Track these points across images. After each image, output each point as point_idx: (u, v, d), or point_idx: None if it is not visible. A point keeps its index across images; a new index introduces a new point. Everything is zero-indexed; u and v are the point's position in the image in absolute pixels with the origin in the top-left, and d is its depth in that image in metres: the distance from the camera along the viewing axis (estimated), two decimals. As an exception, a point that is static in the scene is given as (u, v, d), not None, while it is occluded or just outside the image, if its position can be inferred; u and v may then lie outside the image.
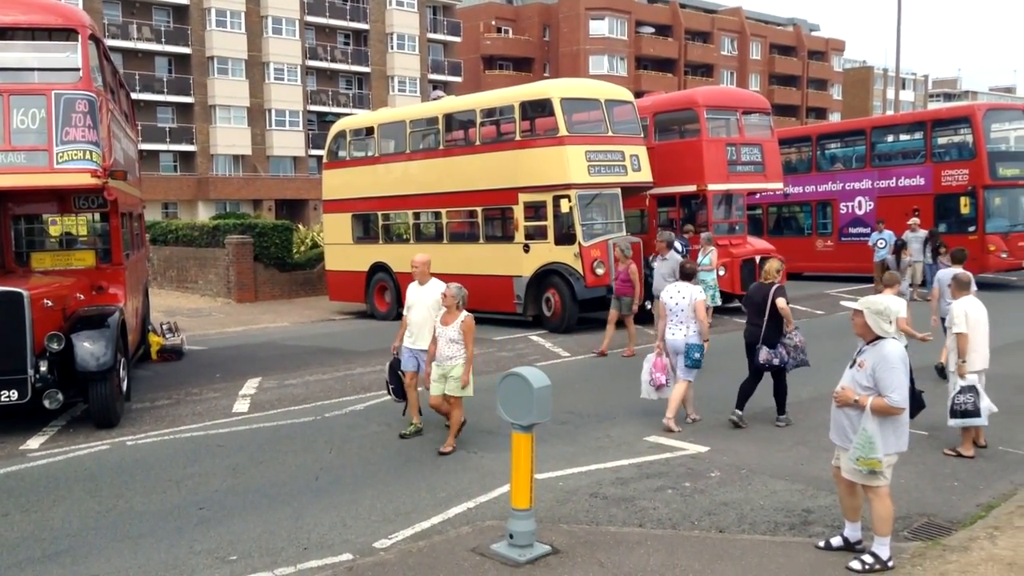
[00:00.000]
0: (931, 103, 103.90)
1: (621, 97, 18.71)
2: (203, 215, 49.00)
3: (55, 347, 10.05)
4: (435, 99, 23.52)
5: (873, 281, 21.94)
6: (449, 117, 19.70)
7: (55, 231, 13.04)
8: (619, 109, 18.39)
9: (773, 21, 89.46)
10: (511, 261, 17.93)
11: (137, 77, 51.95)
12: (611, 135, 17.73)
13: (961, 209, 22.40)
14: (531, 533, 6.16)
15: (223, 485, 8.23)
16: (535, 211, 17.59)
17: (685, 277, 10.47)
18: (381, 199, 20.71)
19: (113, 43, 48.98)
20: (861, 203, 25.26)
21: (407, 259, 19.83)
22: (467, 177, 18.59)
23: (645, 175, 18.14)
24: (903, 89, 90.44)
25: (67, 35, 10.99)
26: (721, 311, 18.71)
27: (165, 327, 17.14)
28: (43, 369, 9.94)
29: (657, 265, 13.97)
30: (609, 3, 71.14)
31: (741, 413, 9.92)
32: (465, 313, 8.93)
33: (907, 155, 25.10)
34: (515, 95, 18.48)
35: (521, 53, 71.88)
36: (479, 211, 18.66)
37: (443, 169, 19.24)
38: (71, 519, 7.40)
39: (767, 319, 9.74)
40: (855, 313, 6.02)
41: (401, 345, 9.79)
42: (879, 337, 5.92)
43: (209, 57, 54.71)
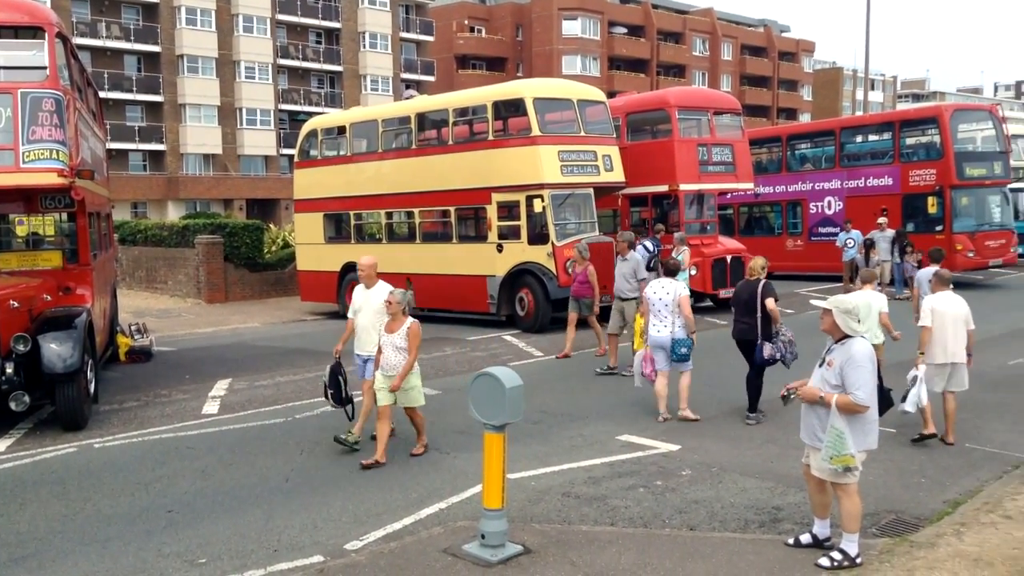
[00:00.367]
0: (900, 104, 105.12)
1: (593, 97, 18.77)
2: (173, 215, 48.54)
3: (21, 348, 9.91)
4: (407, 98, 23.49)
5: (842, 280, 22.16)
6: (422, 116, 19.66)
7: (22, 231, 12.88)
8: (591, 109, 18.45)
9: (744, 22, 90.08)
10: (484, 261, 17.92)
11: (106, 75, 51.36)
12: (584, 135, 17.78)
13: (929, 209, 22.65)
14: (503, 533, 6.16)
15: (192, 487, 8.16)
16: (508, 211, 17.59)
17: (669, 273, 10.62)
18: (353, 199, 20.62)
19: (81, 41, 48.43)
20: (830, 203, 25.49)
21: (380, 259, 19.97)
22: (440, 177, 18.56)
23: (617, 175, 18.20)
24: (872, 90, 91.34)
25: (34, 33, 10.85)
26: (693, 311, 18.76)
27: (134, 328, 16.96)
28: (9, 371, 9.81)
29: (618, 265, 13.79)
30: (582, 3, 71.29)
31: (763, 410, 10.14)
32: (411, 319, 8.67)
33: (876, 155, 25.36)
34: (488, 95, 18.48)
35: (494, 53, 71.86)
36: (452, 211, 18.64)
37: (416, 169, 19.19)
38: (37, 523, 7.30)
39: (761, 315, 9.86)
40: (824, 312, 6.08)
41: (343, 349, 9.54)
42: (848, 336, 5.98)
43: (179, 55, 54.20)
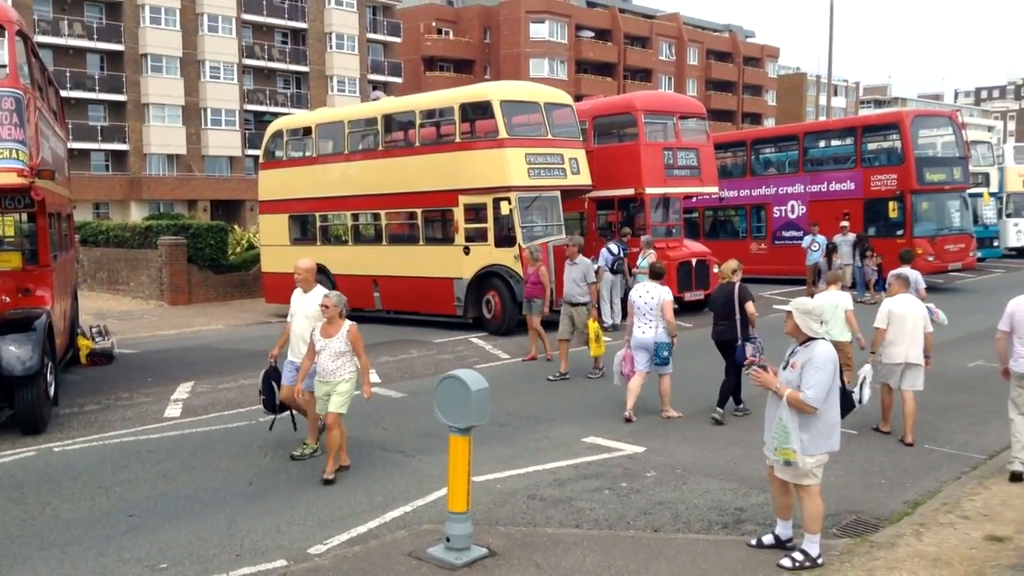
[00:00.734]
0: (862, 109, 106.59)
1: (560, 100, 18.83)
2: (136, 215, 47.94)
3: (-22, 351, 9.74)
4: (374, 99, 23.37)
5: (805, 283, 22.40)
6: (388, 118, 19.60)
7: (-21, 232, 12.66)
8: (558, 112, 18.51)
9: (710, 27, 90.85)
10: (451, 263, 17.90)
11: (68, 74, 50.66)
12: (551, 138, 17.83)
13: (890, 213, 22.96)
14: (468, 536, 6.15)
15: (153, 491, 8.07)
16: (475, 213, 17.58)
17: (655, 277, 10.74)
18: (319, 200, 20.51)
19: (43, 39, 47.72)
20: (794, 207, 25.76)
21: (346, 261, 20.01)
22: (407, 178, 18.51)
23: (584, 178, 18.27)
24: (835, 95, 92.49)
25: (-7, 30, 10.66)
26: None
27: (95, 330, 16.73)
28: (-35, 374, 9.63)
29: (568, 269, 13.59)
30: (549, 7, 71.47)
31: (744, 406, 10.41)
32: (349, 322, 8.27)
33: (838, 160, 25.68)
34: (455, 97, 18.46)
35: (462, 55, 71.81)
36: (419, 213, 18.59)
37: (382, 170, 19.13)
38: (-6, 528, 7.18)
39: (740, 317, 10.05)
40: (787, 315, 6.15)
41: (280, 355, 9.20)
42: (811, 338, 6.05)
43: (143, 54, 53.58)
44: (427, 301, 18.63)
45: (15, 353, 9.90)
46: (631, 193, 19.50)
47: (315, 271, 9.22)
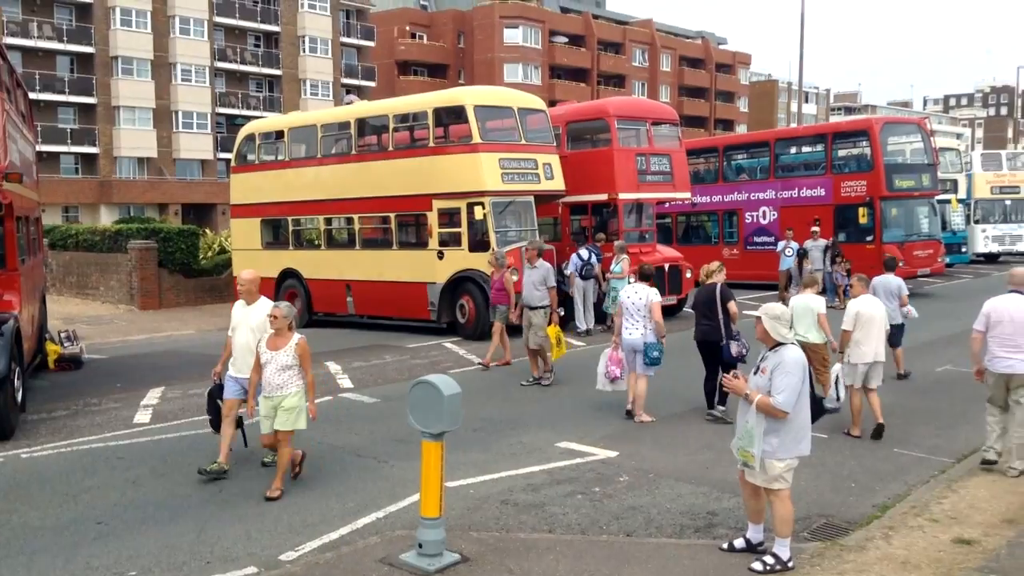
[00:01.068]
0: (833, 116, 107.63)
1: (534, 106, 18.87)
2: (106, 219, 47.46)
3: (-57, 356, 9.59)
4: (348, 103, 23.30)
5: (777, 288, 22.58)
6: (362, 122, 19.54)
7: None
8: (532, 117, 18.54)
9: (682, 34, 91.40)
10: (425, 267, 17.86)
11: (37, 76, 50.03)
12: (524, 143, 17.85)
13: (859, 219, 23.18)
14: (441, 542, 6.13)
15: (123, 498, 7.98)
16: (449, 218, 17.57)
17: (643, 278, 10.83)
18: (291, 204, 20.40)
19: (12, 41, 47.14)
20: (765, 213, 25.96)
21: (319, 265, 19.93)
22: (380, 183, 18.47)
23: (558, 183, 18.31)
24: (806, 102, 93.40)
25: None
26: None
27: (63, 335, 16.54)
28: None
29: (527, 273, 13.46)
30: (523, 12, 71.62)
31: (724, 408, 10.43)
32: (298, 335, 7.97)
33: (809, 166, 25.92)
34: (429, 101, 18.45)
35: (436, 59, 71.74)
36: (392, 217, 18.55)
37: (356, 174, 19.06)
38: (-42, 537, 7.07)
39: (723, 317, 10.20)
40: (756, 320, 6.20)
41: (224, 371, 8.77)
42: (780, 343, 6.10)
43: (113, 57, 53.05)
44: (401, 306, 18.59)
45: (-19, 358, 9.75)
46: (604, 198, 19.55)
47: (259, 282, 8.88)
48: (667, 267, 19.70)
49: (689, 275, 20.26)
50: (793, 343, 6.13)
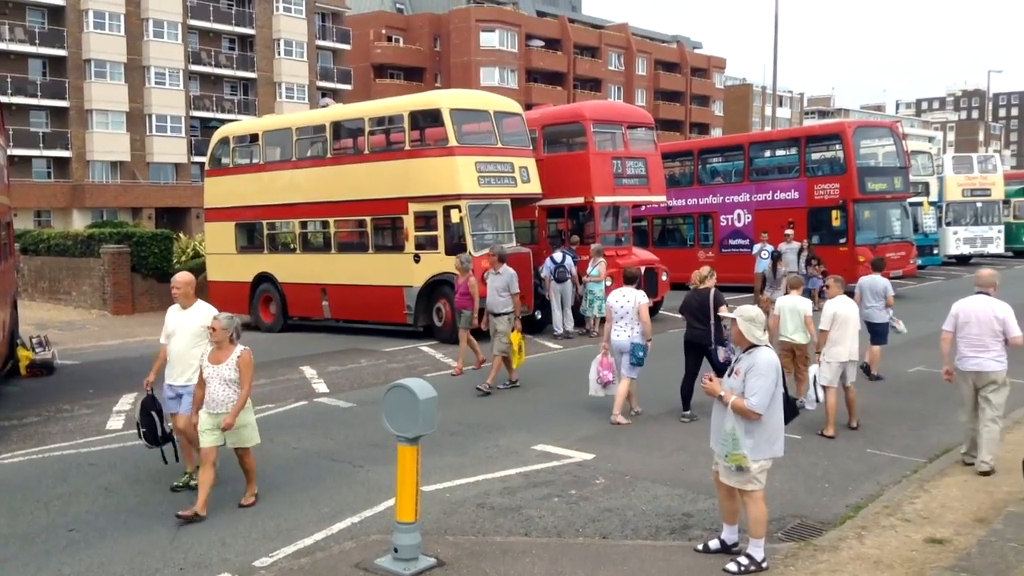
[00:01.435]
0: (806, 120, 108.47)
1: (510, 109, 18.88)
2: (78, 224, 46.94)
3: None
4: (323, 106, 23.22)
5: (752, 291, 22.70)
6: (337, 125, 19.48)
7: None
8: (508, 121, 18.56)
9: (658, 38, 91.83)
10: (401, 271, 17.82)
11: (9, 80, 49.55)
12: (501, 146, 17.86)
13: (833, 222, 23.37)
14: (416, 546, 6.11)
15: (95, 505, 7.90)
16: (425, 221, 17.53)
17: (629, 281, 10.93)
18: (266, 208, 20.29)
19: (-18, 43, 46.64)
20: (740, 216, 26.12)
21: (294, 269, 19.83)
22: (356, 186, 18.41)
23: (534, 187, 18.33)
24: (780, 106, 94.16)
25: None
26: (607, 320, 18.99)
27: (35, 341, 16.34)
28: None
29: (491, 279, 13.26)
30: (499, 16, 71.70)
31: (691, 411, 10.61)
32: (241, 347, 7.58)
33: (783, 170, 26.10)
34: (404, 104, 18.42)
35: (412, 62, 71.65)
36: (368, 220, 18.49)
37: (331, 177, 19.00)
38: (-74, 546, 6.97)
39: (714, 322, 10.28)
40: (732, 322, 6.24)
41: (157, 380, 8.43)
42: (754, 345, 6.14)
43: (86, 60, 52.56)
44: (377, 309, 18.53)
45: (-50, 365, 9.64)
46: (581, 202, 19.60)
47: (195, 284, 8.42)
48: (643, 270, 19.71)
49: (665, 278, 20.36)
50: (767, 345, 6.18)
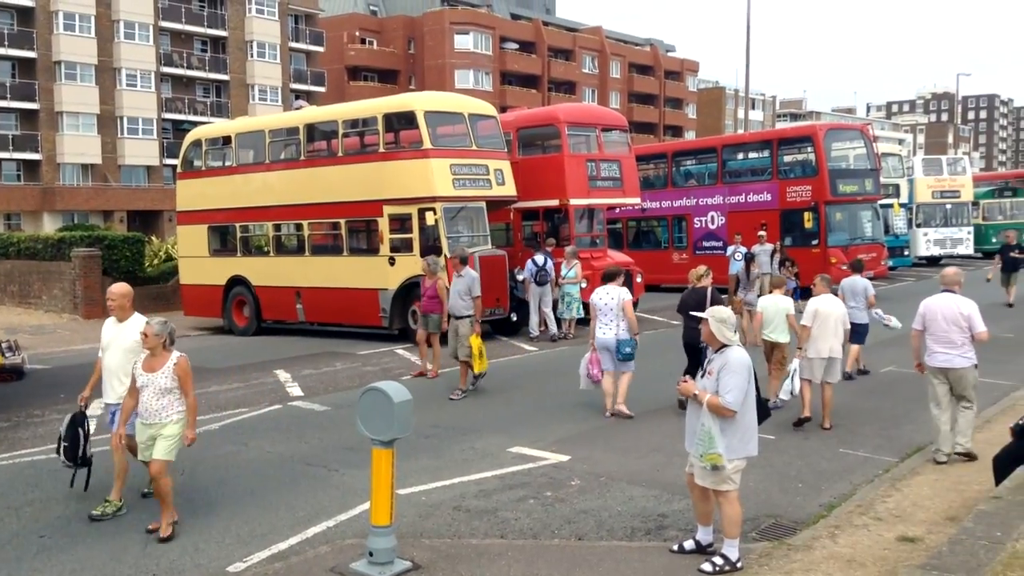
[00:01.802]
0: (779, 123, 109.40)
1: (485, 112, 18.89)
2: (49, 227, 46.43)
3: None
4: (297, 109, 23.12)
5: (726, 292, 22.83)
6: (311, 127, 19.39)
7: None
8: (483, 123, 18.56)
9: (631, 41, 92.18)
10: (376, 274, 17.76)
11: (-23, 82, 48.95)
12: (475, 149, 17.86)
13: (805, 224, 23.59)
14: (391, 550, 6.10)
15: (66, 511, 7.81)
16: (400, 224, 17.49)
17: (610, 279, 10.98)
18: (239, 210, 20.16)
19: (-51, 45, 46.01)
20: (713, 218, 26.29)
21: (268, 272, 19.72)
22: (330, 188, 18.34)
23: (509, 189, 18.34)
24: (753, 109, 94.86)
25: None
26: (585, 322, 19.04)
27: (5, 345, 16.07)
28: None
29: (454, 282, 13.12)
30: (473, 18, 71.67)
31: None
32: (177, 353, 7.19)
33: (755, 172, 26.30)
34: (378, 107, 18.37)
35: (386, 65, 71.47)
36: (343, 223, 18.42)
37: (305, 180, 18.90)
38: None
39: None
40: (703, 322, 6.29)
41: (91, 396, 8.15)
42: (726, 345, 6.19)
43: (56, 62, 51.97)
44: (352, 312, 18.45)
45: (-83, 370, 9.50)
46: (556, 204, 19.64)
47: (131, 297, 8.02)
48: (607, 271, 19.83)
49: (640, 279, 20.43)
50: (738, 345, 6.24)
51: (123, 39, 54.05)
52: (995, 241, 32.50)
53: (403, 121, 17.81)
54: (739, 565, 6.09)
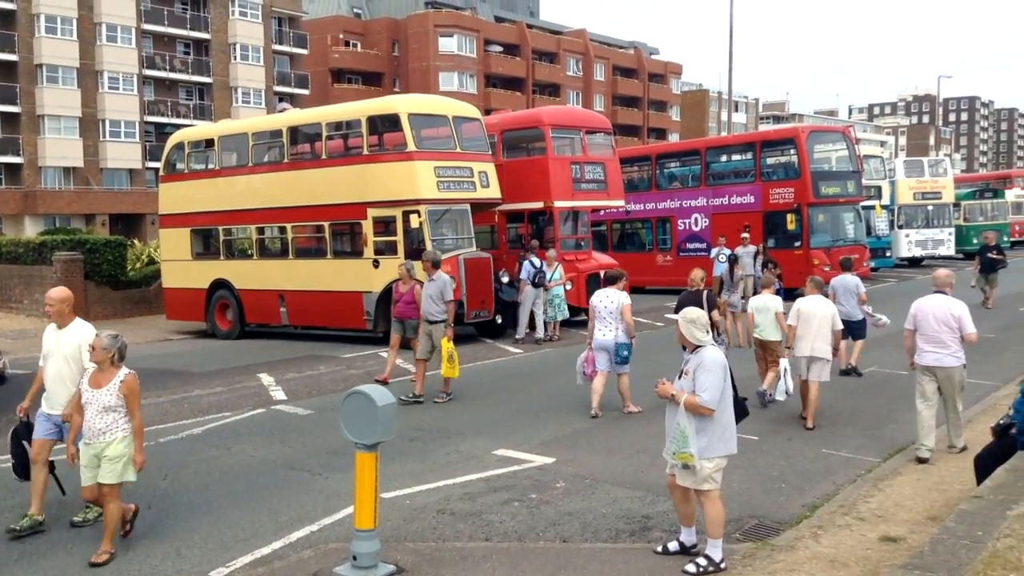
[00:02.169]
0: (762, 125, 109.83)
1: (469, 114, 18.89)
2: (30, 231, 46.11)
3: None
4: (281, 111, 23.06)
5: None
6: (294, 130, 19.34)
7: None
8: (467, 126, 18.56)
9: (615, 44, 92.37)
10: (360, 277, 17.71)
11: (-43, 85, 48.55)
12: (460, 151, 17.85)
13: (788, 225, 23.71)
14: (375, 554, 6.07)
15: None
16: (385, 226, 17.46)
17: (611, 282, 11.16)
18: (222, 213, 20.07)
19: (-72, 47, 45.62)
20: (697, 220, 26.38)
21: (251, 276, 19.66)
22: (314, 191, 18.28)
23: (494, 191, 18.34)
24: (736, 111, 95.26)
25: None
26: (568, 324, 19.08)
27: (-16, 350, 15.99)
28: None
29: (425, 286, 12.76)
30: (457, 21, 71.68)
31: None
32: (125, 370, 6.76)
33: (738, 174, 26.42)
34: (362, 109, 18.34)
35: (370, 67, 71.35)
36: (326, 226, 18.37)
37: (288, 183, 18.84)
38: None
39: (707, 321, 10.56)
40: (676, 324, 6.37)
41: (32, 407, 7.66)
42: (700, 345, 6.23)
43: (38, 64, 51.63)
44: (336, 315, 18.40)
45: None
46: (540, 206, 19.65)
47: (71, 302, 7.58)
48: (603, 274, 19.83)
49: (624, 281, 20.41)
50: (712, 344, 6.29)
51: (105, 42, 53.79)
52: (976, 242, 32.72)
53: (387, 123, 17.78)
54: (723, 566, 6.11)
